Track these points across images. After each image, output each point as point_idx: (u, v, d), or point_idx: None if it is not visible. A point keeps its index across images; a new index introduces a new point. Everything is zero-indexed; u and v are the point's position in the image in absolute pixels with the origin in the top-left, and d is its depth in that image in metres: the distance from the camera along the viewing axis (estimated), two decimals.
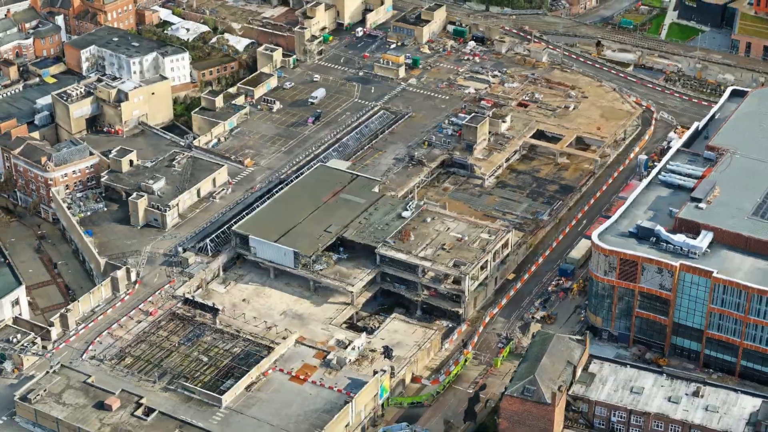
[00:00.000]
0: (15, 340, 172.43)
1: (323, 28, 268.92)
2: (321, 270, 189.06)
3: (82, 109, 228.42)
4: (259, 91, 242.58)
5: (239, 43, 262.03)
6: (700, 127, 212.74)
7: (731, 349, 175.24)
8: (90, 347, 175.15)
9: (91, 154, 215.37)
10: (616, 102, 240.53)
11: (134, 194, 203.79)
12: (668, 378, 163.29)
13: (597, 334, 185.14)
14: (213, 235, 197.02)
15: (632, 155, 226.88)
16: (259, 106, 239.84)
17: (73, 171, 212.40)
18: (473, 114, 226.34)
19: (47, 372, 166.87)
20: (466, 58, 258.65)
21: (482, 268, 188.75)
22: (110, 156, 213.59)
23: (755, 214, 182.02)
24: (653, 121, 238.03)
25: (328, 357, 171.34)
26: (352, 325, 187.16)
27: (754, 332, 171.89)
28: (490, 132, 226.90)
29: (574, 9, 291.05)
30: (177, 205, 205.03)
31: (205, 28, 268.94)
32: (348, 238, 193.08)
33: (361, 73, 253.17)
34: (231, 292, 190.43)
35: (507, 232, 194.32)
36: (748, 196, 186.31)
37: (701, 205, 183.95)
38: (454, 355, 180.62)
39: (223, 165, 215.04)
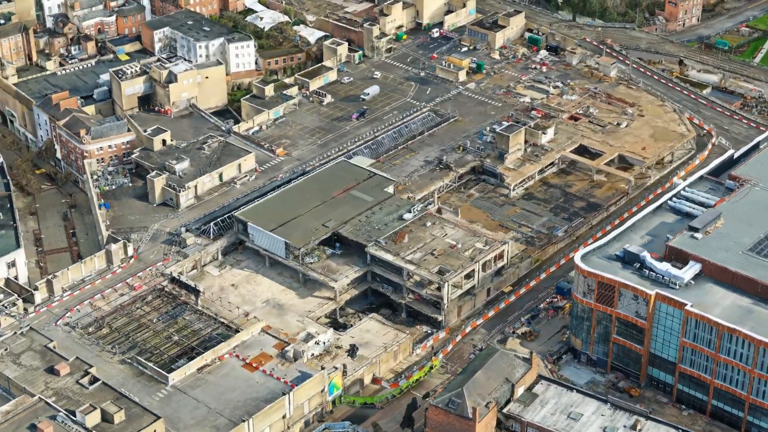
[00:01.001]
0: None
1: (399, 27, 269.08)
2: (311, 263, 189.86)
3: (134, 87, 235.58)
4: (315, 84, 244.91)
5: (312, 35, 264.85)
6: (735, 156, 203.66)
7: (703, 387, 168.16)
8: (68, 314, 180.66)
9: (128, 131, 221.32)
10: (672, 123, 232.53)
11: (153, 172, 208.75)
12: (611, 408, 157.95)
13: (576, 356, 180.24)
14: (218, 219, 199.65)
15: (675, 179, 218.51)
16: (311, 98, 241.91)
17: (109, 145, 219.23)
18: (510, 123, 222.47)
19: (14, 333, 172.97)
20: (533, 66, 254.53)
21: (468, 277, 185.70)
22: (144, 134, 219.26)
23: (752, 249, 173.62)
24: (710, 146, 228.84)
25: (286, 349, 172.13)
26: (335, 320, 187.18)
27: (725, 372, 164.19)
28: (529, 143, 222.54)
29: (671, 26, 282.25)
30: (195, 186, 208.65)
31: (285, 18, 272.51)
32: (343, 234, 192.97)
33: (422, 74, 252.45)
34: (224, 276, 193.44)
35: (502, 244, 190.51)
36: (751, 230, 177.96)
37: (697, 235, 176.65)
38: (422, 361, 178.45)
39: (251, 152, 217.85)
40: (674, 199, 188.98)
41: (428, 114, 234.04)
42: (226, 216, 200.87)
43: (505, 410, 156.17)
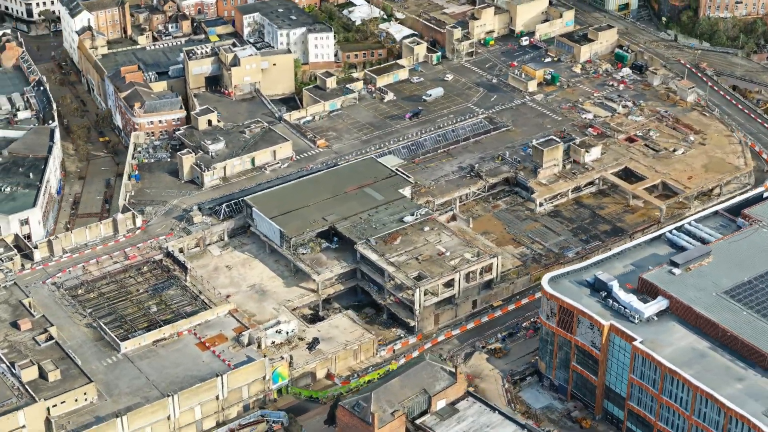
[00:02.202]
0: None
1: (490, 32, 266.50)
2: (303, 254, 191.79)
3: (201, 68, 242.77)
4: (383, 81, 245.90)
5: (400, 32, 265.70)
6: (765, 195, 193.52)
7: (648, 427, 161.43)
8: (59, 274, 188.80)
9: (181, 108, 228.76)
10: (732, 155, 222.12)
11: (185, 150, 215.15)
12: None
13: (541, 380, 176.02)
14: (231, 202, 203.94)
15: None
16: (373, 94, 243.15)
17: (159, 120, 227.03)
18: (549, 137, 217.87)
19: (4, 286, 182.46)
20: (611, 83, 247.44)
21: (448, 285, 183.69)
22: (192, 113, 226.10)
23: (728, 292, 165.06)
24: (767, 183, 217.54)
25: (243, 333, 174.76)
26: (316, 313, 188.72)
27: (667, 414, 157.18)
28: (571, 160, 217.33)
29: None
30: (224, 167, 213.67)
31: (378, 14, 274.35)
32: (338, 229, 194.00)
33: (494, 81, 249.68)
34: (223, 257, 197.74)
35: (491, 257, 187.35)
36: (737, 272, 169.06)
37: (676, 270, 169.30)
38: (384, 363, 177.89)
39: (288, 140, 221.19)
40: (674, 231, 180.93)
41: (480, 121, 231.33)
42: (240, 199, 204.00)
43: (418, 421, 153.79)
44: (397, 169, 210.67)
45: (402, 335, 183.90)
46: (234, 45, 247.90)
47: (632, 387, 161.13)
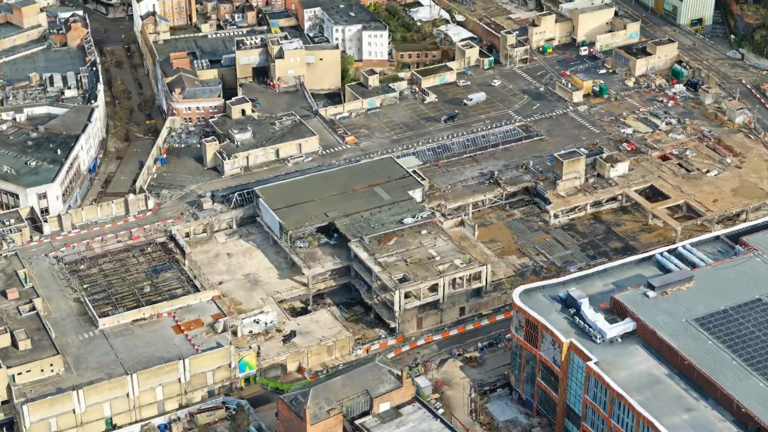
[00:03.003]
0: (8, 223, 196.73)
1: (550, 40, 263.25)
2: (301, 247, 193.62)
3: (249, 58, 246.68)
4: (428, 82, 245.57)
5: (458, 34, 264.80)
6: None
7: None
8: (63, 249, 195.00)
9: (219, 96, 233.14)
10: (767, 181, 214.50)
11: (210, 137, 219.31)
12: None
13: (511, 392, 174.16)
14: (244, 191, 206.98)
15: None
16: (416, 95, 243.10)
17: (197, 107, 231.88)
18: (572, 150, 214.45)
19: (3, 255, 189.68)
20: (660, 99, 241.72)
21: (433, 290, 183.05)
22: (227, 102, 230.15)
23: (698, 320, 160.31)
24: None
25: (218, 320, 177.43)
26: (305, 307, 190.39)
27: None
28: (595, 174, 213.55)
29: None
30: (247, 157, 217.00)
31: (442, 15, 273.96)
32: (337, 226, 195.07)
33: (542, 89, 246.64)
34: (226, 244, 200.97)
35: (480, 266, 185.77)
36: (714, 301, 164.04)
37: (651, 293, 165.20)
38: (356, 362, 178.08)
39: (315, 135, 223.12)
40: (665, 253, 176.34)
41: (514, 128, 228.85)
42: (250, 189, 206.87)
43: (358, 421, 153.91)
44: (414, 171, 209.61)
45: (383, 336, 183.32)
46: (285, 38, 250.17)
47: (586, 408, 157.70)
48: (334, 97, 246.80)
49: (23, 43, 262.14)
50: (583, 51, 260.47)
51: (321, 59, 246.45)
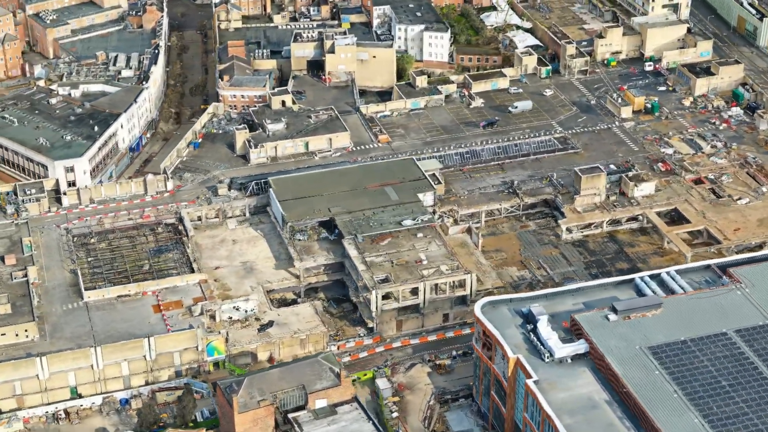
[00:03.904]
0: (28, 192, 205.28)
1: (616, 52, 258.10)
2: (300, 240, 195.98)
3: (303, 51, 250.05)
4: (479, 87, 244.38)
5: (524, 41, 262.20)
6: None
7: None
8: (75, 221, 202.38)
9: (264, 86, 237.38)
10: None
11: (242, 125, 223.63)
12: None
13: (473, 404, 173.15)
14: (261, 180, 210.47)
15: None
16: (463, 98, 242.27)
17: (242, 95, 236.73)
18: (595, 166, 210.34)
19: (13, 222, 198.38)
20: (713, 121, 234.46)
21: (414, 294, 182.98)
22: (268, 93, 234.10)
23: (653, 349, 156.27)
24: None
25: (196, 304, 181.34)
26: (297, 297, 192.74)
27: None
28: (620, 192, 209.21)
29: None
30: (275, 147, 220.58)
31: (513, 20, 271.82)
32: (336, 222, 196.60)
33: (593, 102, 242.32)
34: (235, 231, 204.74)
35: (465, 274, 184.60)
36: (676, 331, 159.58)
37: (612, 316, 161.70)
38: None
39: (347, 131, 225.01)
40: (645, 278, 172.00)
41: (550, 139, 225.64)
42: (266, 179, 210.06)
43: (292, 415, 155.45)
44: (433, 174, 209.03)
45: (362, 335, 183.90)
46: (345, 33, 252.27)
47: (526, 426, 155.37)
48: (386, 95, 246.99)
49: (101, 22, 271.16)
50: (648, 66, 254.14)
51: (374, 57, 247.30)
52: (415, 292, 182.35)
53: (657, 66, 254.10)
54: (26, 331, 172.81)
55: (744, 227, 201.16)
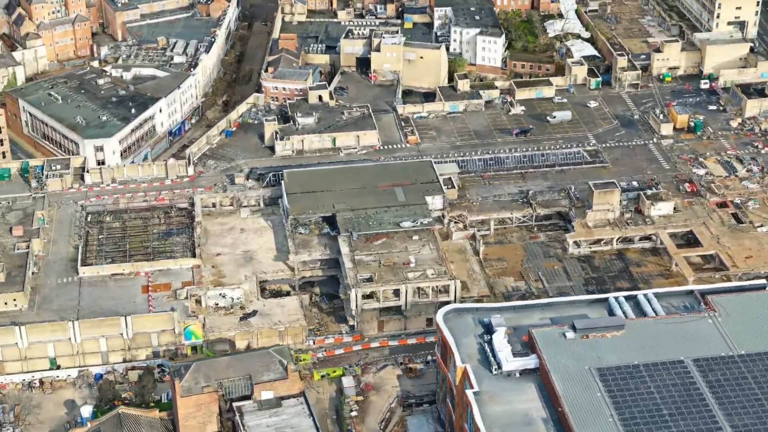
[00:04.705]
0: (54, 167, 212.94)
1: (673, 68, 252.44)
2: (301, 233, 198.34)
3: (352, 48, 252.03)
4: (523, 94, 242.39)
5: (581, 51, 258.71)
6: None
7: None
8: (93, 199, 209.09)
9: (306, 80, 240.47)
10: None
11: (272, 117, 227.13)
12: None
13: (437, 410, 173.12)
14: (279, 172, 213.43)
15: None
16: (504, 105, 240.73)
17: (283, 87, 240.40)
18: (611, 181, 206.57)
19: (31, 195, 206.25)
20: (755, 144, 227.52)
21: (396, 295, 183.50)
22: (308, 87, 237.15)
23: (601, 370, 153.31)
24: None
25: (182, 288, 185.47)
26: (291, 289, 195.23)
27: None
28: (636, 210, 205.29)
29: None
30: (302, 141, 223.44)
31: (576, 29, 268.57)
32: (337, 218, 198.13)
33: (636, 116, 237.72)
34: (246, 220, 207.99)
35: (449, 280, 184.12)
36: (631, 354, 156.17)
37: (570, 334, 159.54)
38: (306, 350, 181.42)
39: (375, 129, 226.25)
40: (620, 298, 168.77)
41: (579, 152, 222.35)
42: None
43: (236, 404, 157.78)
44: (449, 178, 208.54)
45: (344, 332, 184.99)
46: (396, 32, 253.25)
47: None
48: (431, 97, 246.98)
49: (171, 8, 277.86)
50: (704, 84, 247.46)
51: (421, 57, 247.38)
52: (397, 293, 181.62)
53: (713, 84, 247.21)
54: (14, 300, 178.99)
55: (757, 255, 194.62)
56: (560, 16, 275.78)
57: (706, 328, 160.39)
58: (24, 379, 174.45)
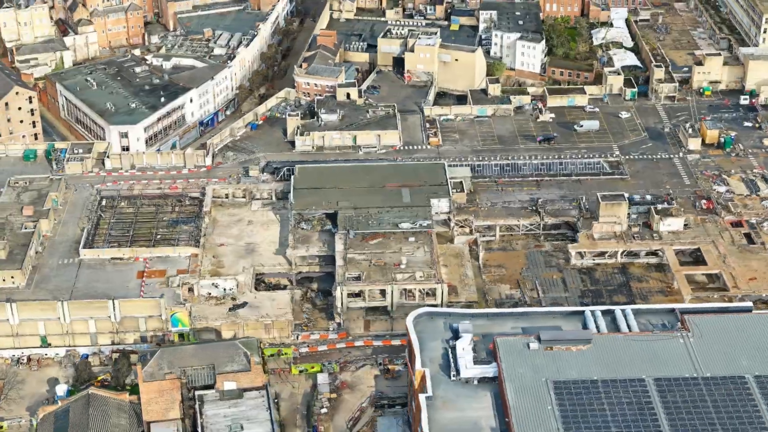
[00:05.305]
0: (76, 151, 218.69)
1: (714, 82, 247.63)
2: (303, 228, 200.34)
3: (390, 47, 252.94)
4: (554, 101, 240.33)
5: (623, 61, 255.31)
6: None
7: None
8: (109, 184, 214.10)
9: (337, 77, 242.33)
10: None
11: (295, 112, 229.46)
12: None
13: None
14: (293, 166, 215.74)
15: None
16: (533, 111, 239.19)
17: (315, 84, 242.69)
18: (619, 194, 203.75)
19: (48, 177, 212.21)
20: None
21: (383, 294, 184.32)
22: (337, 84, 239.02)
23: (558, 384, 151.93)
24: None
25: (175, 276, 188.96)
26: (289, 283, 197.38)
27: None
28: (645, 224, 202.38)
29: None
30: (323, 137, 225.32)
31: (622, 39, 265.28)
32: (338, 215, 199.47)
33: (666, 130, 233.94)
34: (256, 213, 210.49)
35: (436, 283, 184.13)
36: (592, 369, 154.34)
37: (534, 345, 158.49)
38: (289, 345, 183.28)
39: (396, 129, 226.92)
40: (596, 312, 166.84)
41: (598, 162, 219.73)
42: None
43: (198, 392, 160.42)
44: (460, 182, 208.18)
45: (331, 329, 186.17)
46: (434, 34, 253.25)
47: None
48: (464, 100, 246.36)
49: (224, 1, 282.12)
50: (744, 100, 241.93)
51: (456, 60, 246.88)
52: (384, 294, 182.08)
53: (753, 101, 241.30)
54: (12, 277, 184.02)
55: (762, 278, 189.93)
56: (606, 24, 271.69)
57: (675, 348, 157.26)
58: (14, 355, 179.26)
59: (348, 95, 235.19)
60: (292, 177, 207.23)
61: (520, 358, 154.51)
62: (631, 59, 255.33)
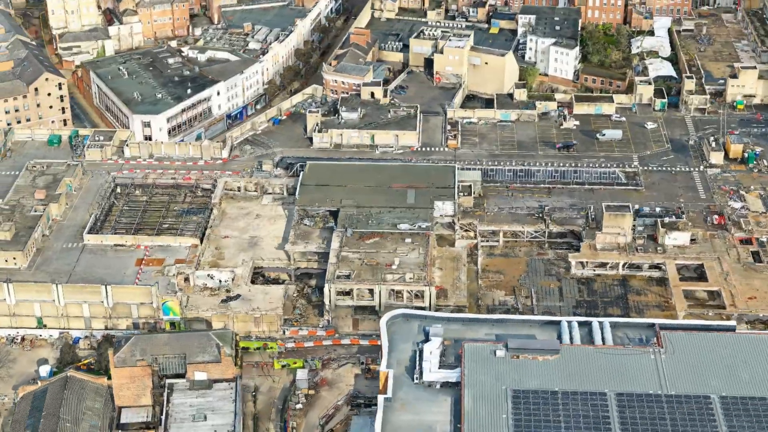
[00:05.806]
0: (98, 138, 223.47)
1: (748, 95, 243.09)
2: (305, 225, 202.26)
3: (421, 47, 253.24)
4: (580, 108, 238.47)
5: (658, 70, 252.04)
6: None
7: None
8: (125, 171, 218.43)
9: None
10: None
11: (315, 108, 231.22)
12: None
13: None
14: (306, 162, 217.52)
15: None
16: (557, 117, 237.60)
17: (342, 81, 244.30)
18: (624, 204, 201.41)
19: (67, 163, 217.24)
20: None
21: (372, 293, 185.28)
22: (361, 84, 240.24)
23: (517, 392, 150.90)
24: None
25: (171, 265, 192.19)
26: (287, 278, 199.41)
27: None
28: (650, 237, 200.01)
29: None
30: (341, 135, 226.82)
31: (658, 49, 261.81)
32: (339, 213, 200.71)
33: (690, 142, 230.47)
34: (265, 207, 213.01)
35: (425, 286, 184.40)
36: (557, 380, 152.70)
37: (500, 353, 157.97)
38: (276, 339, 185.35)
39: (414, 130, 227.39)
40: (573, 323, 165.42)
41: (614, 172, 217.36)
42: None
43: (169, 381, 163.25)
44: (468, 185, 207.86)
45: (321, 326, 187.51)
46: (466, 36, 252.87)
47: None
48: (488, 103, 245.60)
49: None
50: None
51: (486, 63, 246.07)
52: (373, 293, 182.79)
53: None
54: (14, 258, 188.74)
55: (762, 298, 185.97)
56: (646, 33, 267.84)
57: (644, 364, 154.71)
58: (9, 334, 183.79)
59: (372, 94, 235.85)
60: (301, 173, 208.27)
61: (485, 364, 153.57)
62: (668, 69, 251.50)
